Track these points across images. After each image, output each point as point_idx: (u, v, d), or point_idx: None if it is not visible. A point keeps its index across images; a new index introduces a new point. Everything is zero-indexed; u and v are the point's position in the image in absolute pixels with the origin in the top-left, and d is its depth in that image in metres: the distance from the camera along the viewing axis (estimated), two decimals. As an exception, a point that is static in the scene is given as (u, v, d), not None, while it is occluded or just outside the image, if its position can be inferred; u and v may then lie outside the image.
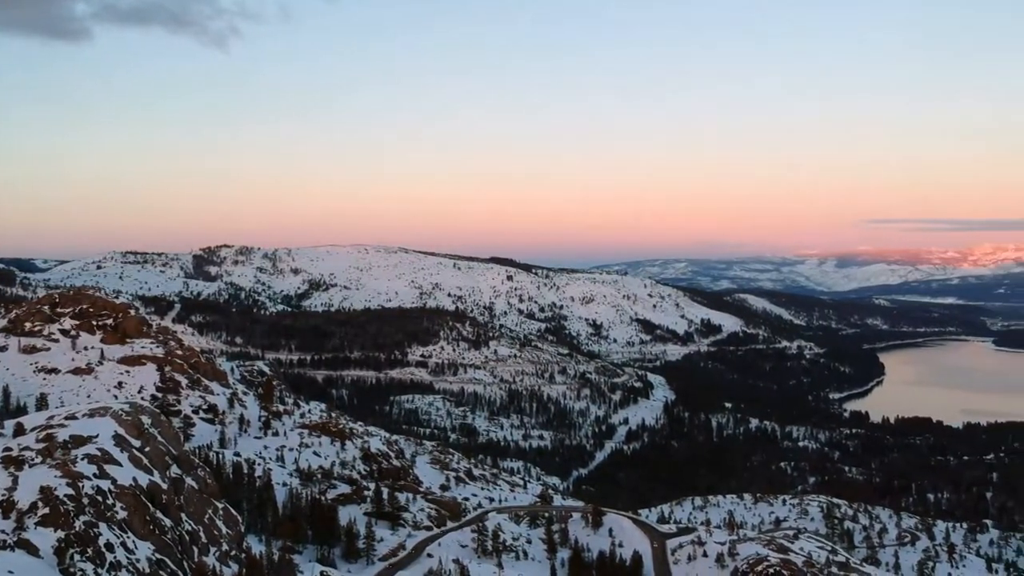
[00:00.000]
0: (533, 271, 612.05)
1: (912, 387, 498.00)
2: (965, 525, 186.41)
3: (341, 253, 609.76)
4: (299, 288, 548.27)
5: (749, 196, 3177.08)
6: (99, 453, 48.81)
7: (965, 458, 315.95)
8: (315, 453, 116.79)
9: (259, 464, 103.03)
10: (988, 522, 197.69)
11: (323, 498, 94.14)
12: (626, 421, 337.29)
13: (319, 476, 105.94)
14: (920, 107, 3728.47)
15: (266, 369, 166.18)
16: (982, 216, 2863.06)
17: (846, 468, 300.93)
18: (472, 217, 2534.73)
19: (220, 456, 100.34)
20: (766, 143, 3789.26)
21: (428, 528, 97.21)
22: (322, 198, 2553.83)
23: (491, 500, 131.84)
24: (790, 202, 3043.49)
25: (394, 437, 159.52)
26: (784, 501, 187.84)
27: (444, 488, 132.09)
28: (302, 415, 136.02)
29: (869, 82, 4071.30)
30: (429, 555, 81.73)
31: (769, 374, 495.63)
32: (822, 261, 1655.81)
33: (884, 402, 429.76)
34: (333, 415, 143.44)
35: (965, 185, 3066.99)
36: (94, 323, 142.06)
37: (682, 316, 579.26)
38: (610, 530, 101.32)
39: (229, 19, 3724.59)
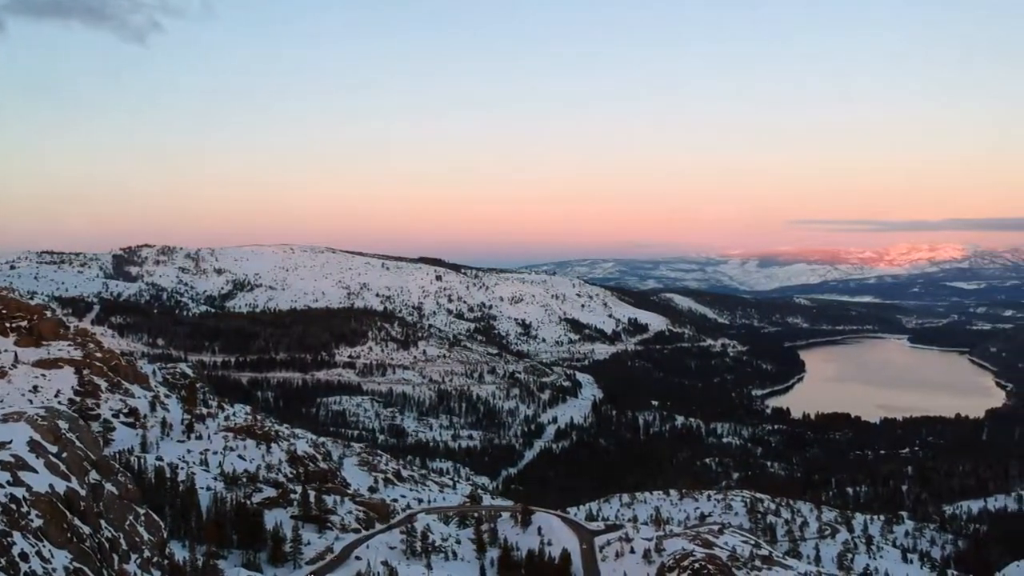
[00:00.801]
0: (462, 271, 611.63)
1: (831, 384, 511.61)
2: (882, 517, 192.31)
3: (266, 253, 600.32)
4: (223, 288, 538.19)
5: (675, 197, 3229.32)
6: (13, 460, 47.19)
7: (882, 452, 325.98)
8: (240, 456, 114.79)
9: (182, 468, 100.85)
10: (904, 514, 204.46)
11: (248, 502, 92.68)
12: (555, 420, 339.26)
13: (244, 480, 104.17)
14: (838, 112, 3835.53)
15: (189, 371, 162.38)
16: (897, 218, 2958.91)
17: (769, 463, 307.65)
18: (400, 217, 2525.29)
19: (141, 461, 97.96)
20: (692, 145, 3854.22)
21: (356, 530, 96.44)
22: (247, 197, 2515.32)
23: (420, 501, 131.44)
24: (715, 203, 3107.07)
25: (321, 439, 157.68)
26: (709, 497, 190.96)
27: (372, 490, 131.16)
28: (226, 418, 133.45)
29: (790, 87, 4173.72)
30: (357, 558, 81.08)
31: (694, 372, 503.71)
32: (745, 261, 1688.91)
33: (805, 398, 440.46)
34: (258, 418, 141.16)
35: (882, 187, 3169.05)
36: (7, 325, 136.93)
37: (610, 315, 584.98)
38: (539, 529, 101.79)
39: (149, 13, 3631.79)
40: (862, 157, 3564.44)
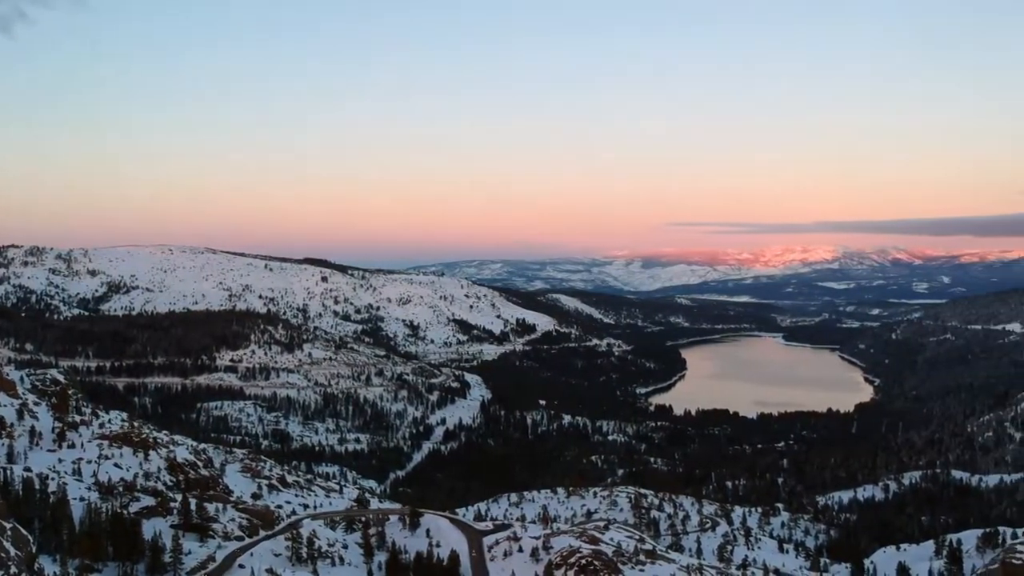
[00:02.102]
0: (349, 272, 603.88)
1: (711, 381, 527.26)
2: (759, 509, 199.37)
3: (143, 254, 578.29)
4: (97, 291, 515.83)
5: (562, 198, 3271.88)
6: None
7: (759, 446, 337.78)
8: (116, 465, 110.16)
9: (53, 479, 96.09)
10: (780, 506, 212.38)
11: (125, 512, 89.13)
12: (443, 421, 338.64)
13: (120, 489, 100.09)
14: (717, 117, 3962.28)
15: (60, 377, 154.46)
16: (773, 220, 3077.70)
17: (652, 460, 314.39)
18: (284, 217, 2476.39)
19: (7, 472, 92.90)
20: (578, 147, 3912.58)
21: (240, 538, 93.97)
22: (122, 196, 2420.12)
23: (306, 506, 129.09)
24: (601, 204, 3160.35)
25: (202, 446, 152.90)
26: (595, 494, 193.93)
27: (256, 496, 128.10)
28: (101, 425, 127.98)
29: (671, 94, 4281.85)
30: (241, 566, 79.15)
31: (581, 371, 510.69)
32: (629, 262, 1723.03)
33: (686, 396, 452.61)
34: (136, 424, 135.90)
35: (758, 191, 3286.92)
36: None
37: (498, 316, 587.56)
38: (427, 531, 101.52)
39: (15, 3, 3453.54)
40: (739, 161, 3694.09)
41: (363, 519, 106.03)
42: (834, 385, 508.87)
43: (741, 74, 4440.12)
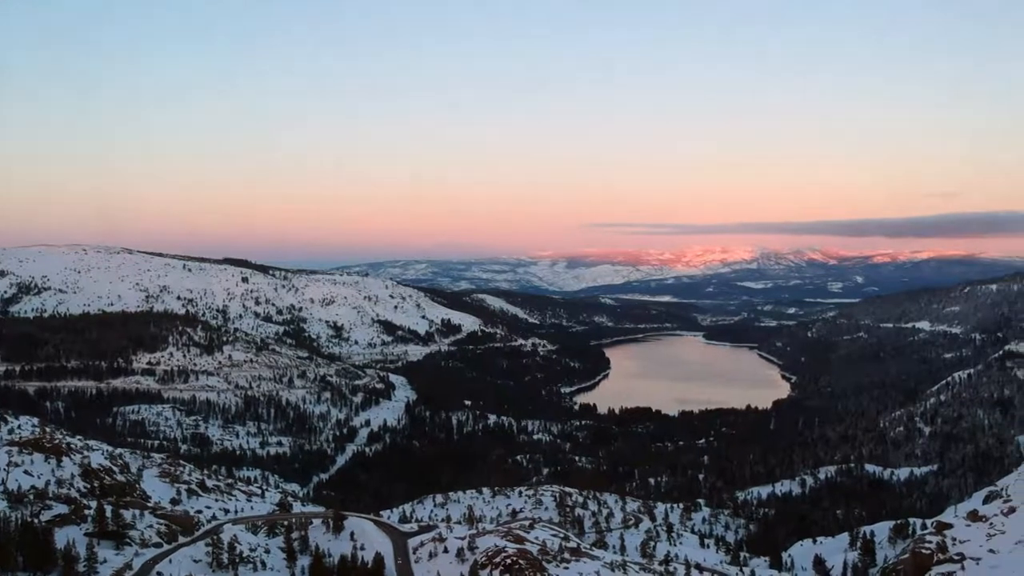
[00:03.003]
0: (270, 272, 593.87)
1: (635, 379, 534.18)
2: (681, 505, 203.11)
3: (55, 254, 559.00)
4: (6, 292, 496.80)
5: (488, 199, 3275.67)
6: None
7: (681, 443, 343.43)
8: (26, 472, 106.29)
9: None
10: (701, 501, 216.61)
11: (36, 521, 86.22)
12: (368, 423, 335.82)
13: (31, 497, 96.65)
14: (638, 120, 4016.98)
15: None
16: (694, 221, 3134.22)
17: (577, 458, 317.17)
18: (204, 218, 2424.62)
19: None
20: (503, 147, 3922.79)
21: (158, 545, 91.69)
22: (31, 196, 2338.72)
23: (227, 511, 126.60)
24: (526, 205, 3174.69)
25: (118, 451, 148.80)
26: (520, 493, 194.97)
27: (175, 502, 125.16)
28: (10, 431, 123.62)
29: (592, 97, 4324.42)
30: (159, 573, 77.43)
31: (506, 371, 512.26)
32: (554, 262, 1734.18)
33: (610, 394, 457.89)
34: (48, 430, 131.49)
35: (679, 192, 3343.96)
36: None
37: (423, 316, 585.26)
38: (352, 533, 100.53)
39: None
40: (662, 162, 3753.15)
41: (286, 523, 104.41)
42: (753, 383, 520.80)
43: (661, 76, 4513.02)
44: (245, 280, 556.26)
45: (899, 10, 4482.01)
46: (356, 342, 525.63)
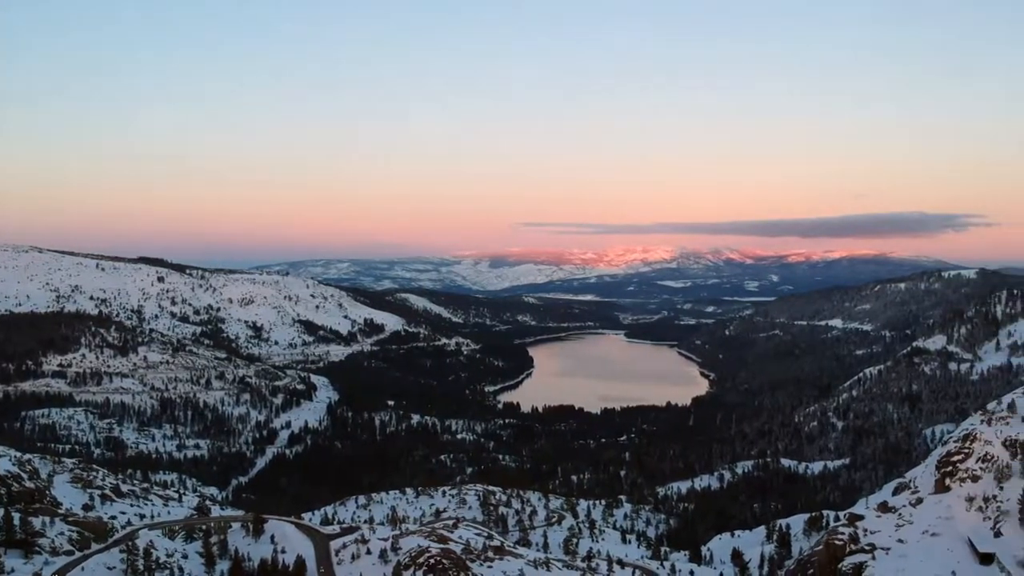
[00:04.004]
0: (187, 272, 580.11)
1: (558, 378, 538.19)
2: (604, 502, 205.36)
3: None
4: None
5: (411, 198, 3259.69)
6: None
7: (603, 440, 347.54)
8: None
9: None
10: (622, 497, 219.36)
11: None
12: (288, 424, 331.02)
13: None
14: (561, 120, 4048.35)
15: None
16: (615, 221, 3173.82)
17: (501, 456, 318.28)
18: (118, 216, 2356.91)
19: None
20: (426, 147, 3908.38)
21: (69, 553, 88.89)
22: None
23: (142, 517, 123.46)
24: (449, 204, 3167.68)
25: (27, 456, 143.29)
26: (444, 492, 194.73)
27: (88, 508, 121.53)
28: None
29: (516, 99, 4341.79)
30: (71, 582, 75.07)
31: (430, 371, 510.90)
32: (477, 261, 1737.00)
33: (534, 393, 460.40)
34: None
35: (601, 192, 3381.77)
36: None
37: (345, 316, 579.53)
38: (272, 537, 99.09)
39: None
40: (583, 163, 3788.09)
41: (204, 527, 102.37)
42: (673, 380, 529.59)
43: (584, 79, 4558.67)
44: (161, 280, 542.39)
45: (816, 18, 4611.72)
46: (276, 342, 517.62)
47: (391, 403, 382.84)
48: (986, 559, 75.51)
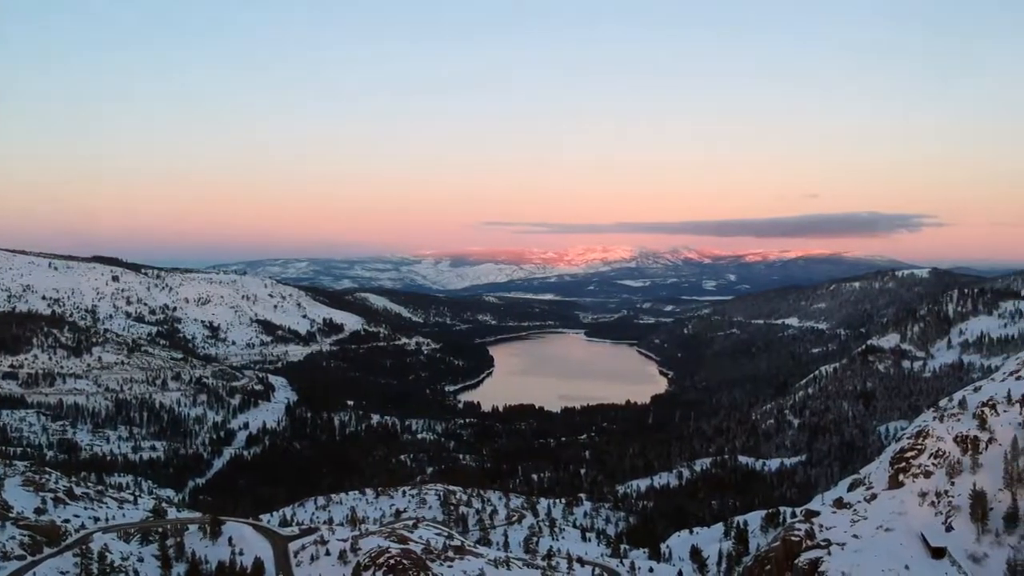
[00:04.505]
0: (143, 271, 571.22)
1: (518, 377, 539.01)
2: (564, 500, 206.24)
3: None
4: None
5: (371, 197, 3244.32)
6: None
7: (563, 439, 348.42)
8: None
9: None
10: (582, 496, 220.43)
11: None
12: (246, 425, 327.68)
13: None
14: (522, 120, 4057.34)
15: None
16: (574, 221, 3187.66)
17: (461, 456, 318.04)
18: (72, 215, 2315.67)
19: None
20: (386, 146, 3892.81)
21: (21, 557, 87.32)
22: None
23: (96, 520, 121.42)
24: (409, 203, 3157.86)
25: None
26: (404, 493, 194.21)
27: (40, 511, 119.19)
28: None
29: (479, 97, 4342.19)
30: (22, 587, 73.72)
31: (390, 370, 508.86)
32: (438, 261, 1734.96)
33: (494, 392, 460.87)
34: None
35: (561, 192, 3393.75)
36: None
37: (304, 316, 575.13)
38: (230, 539, 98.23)
39: None
40: (544, 163, 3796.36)
41: (160, 530, 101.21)
42: (632, 378, 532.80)
43: (546, 78, 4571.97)
44: (116, 279, 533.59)
45: (773, 19, 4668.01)
46: (234, 342, 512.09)
47: (351, 403, 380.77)
48: (938, 553, 77.01)
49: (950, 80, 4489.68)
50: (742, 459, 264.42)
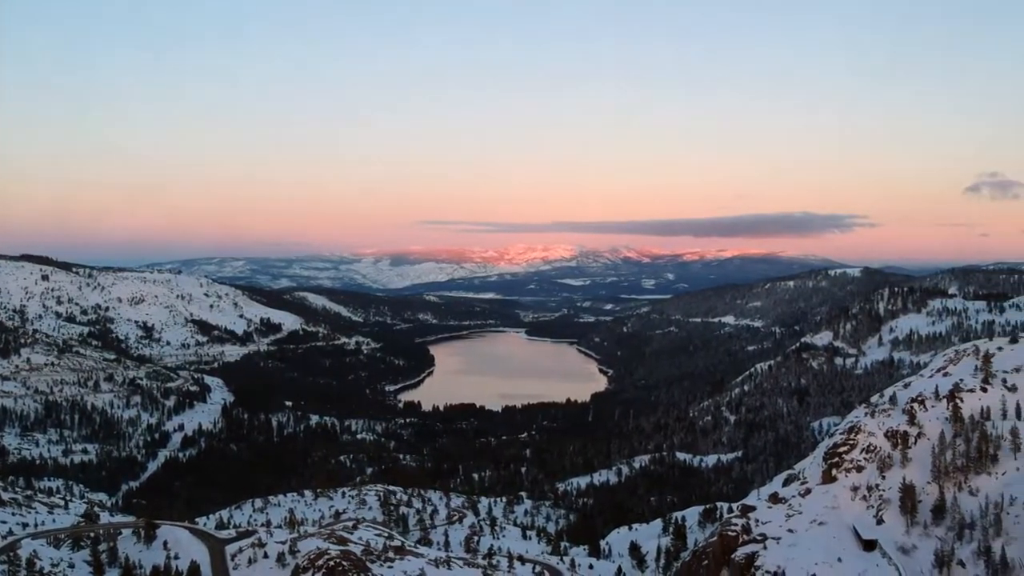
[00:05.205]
0: (74, 270, 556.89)
1: (459, 376, 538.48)
2: (504, 499, 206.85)
3: None
4: None
5: (308, 196, 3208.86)
6: None
7: (504, 438, 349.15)
8: None
9: None
10: (523, 494, 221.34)
11: None
12: (182, 427, 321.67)
13: None
14: (462, 120, 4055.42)
15: None
16: (515, 220, 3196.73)
17: (402, 456, 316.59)
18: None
19: None
20: (324, 144, 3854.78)
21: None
22: None
23: (25, 525, 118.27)
24: (349, 202, 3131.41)
25: None
26: (344, 494, 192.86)
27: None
28: None
29: (418, 96, 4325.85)
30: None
31: (329, 370, 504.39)
32: (378, 259, 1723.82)
33: (435, 391, 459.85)
34: None
35: (502, 191, 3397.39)
36: None
37: (241, 316, 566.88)
38: (165, 543, 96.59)
39: None
40: (484, 161, 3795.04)
41: (92, 535, 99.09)
42: (573, 376, 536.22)
43: (481, 78, 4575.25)
44: (46, 278, 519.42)
45: (699, 21, 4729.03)
46: (168, 343, 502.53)
47: (289, 404, 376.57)
48: (869, 546, 79.04)
49: (881, 83, 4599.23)
50: (680, 456, 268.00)
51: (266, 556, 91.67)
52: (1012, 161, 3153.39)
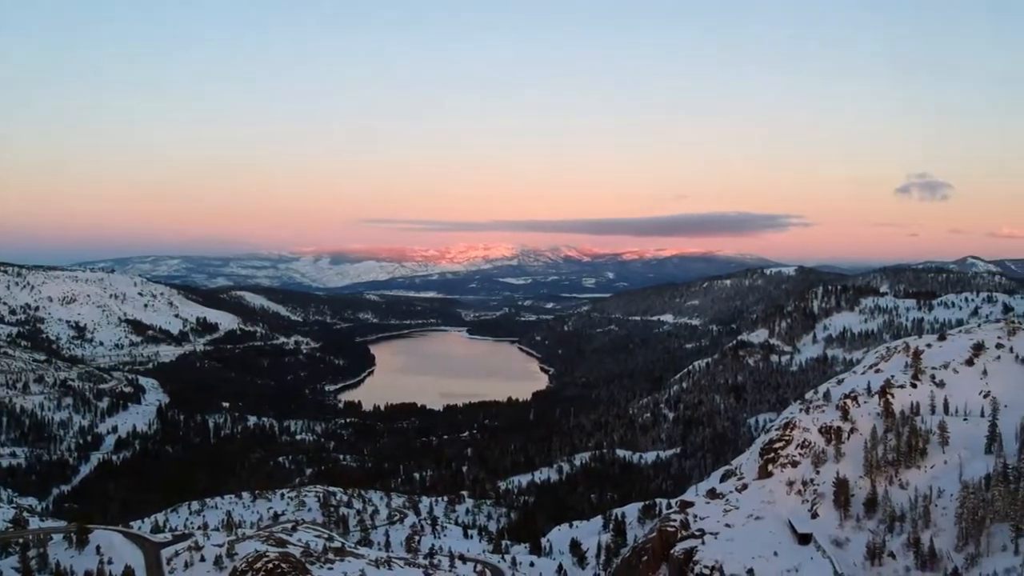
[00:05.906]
0: (1, 269, 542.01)
1: (399, 375, 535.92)
2: (446, 498, 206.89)
3: None
4: None
5: (245, 193, 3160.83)
6: None
7: (445, 437, 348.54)
8: None
9: None
10: (464, 493, 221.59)
11: None
12: (115, 429, 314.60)
13: None
14: (405, 119, 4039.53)
15: None
16: (456, 219, 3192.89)
17: (342, 457, 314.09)
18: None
19: None
20: (262, 142, 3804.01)
21: None
22: None
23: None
24: (287, 201, 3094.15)
25: None
26: (283, 495, 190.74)
27: None
28: None
29: (356, 94, 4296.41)
30: None
31: (267, 371, 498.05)
32: (318, 258, 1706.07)
33: (375, 391, 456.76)
34: None
35: (443, 190, 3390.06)
36: None
37: (176, 315, 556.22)
38: (97, 547, 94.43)
39: None
40: (422, 161, 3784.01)
41: (21, 541, 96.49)
42: (514, 375, 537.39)
43: (421, 81, 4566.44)
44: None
45: (641, 19, 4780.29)
46: (101, 343, 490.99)
47: (226, 405, 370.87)
48: (804, 539, 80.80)
49: (816, 86, 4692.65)
50: (620, 452, 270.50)
51: (203, 560, 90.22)
52: (940, 162, 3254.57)
